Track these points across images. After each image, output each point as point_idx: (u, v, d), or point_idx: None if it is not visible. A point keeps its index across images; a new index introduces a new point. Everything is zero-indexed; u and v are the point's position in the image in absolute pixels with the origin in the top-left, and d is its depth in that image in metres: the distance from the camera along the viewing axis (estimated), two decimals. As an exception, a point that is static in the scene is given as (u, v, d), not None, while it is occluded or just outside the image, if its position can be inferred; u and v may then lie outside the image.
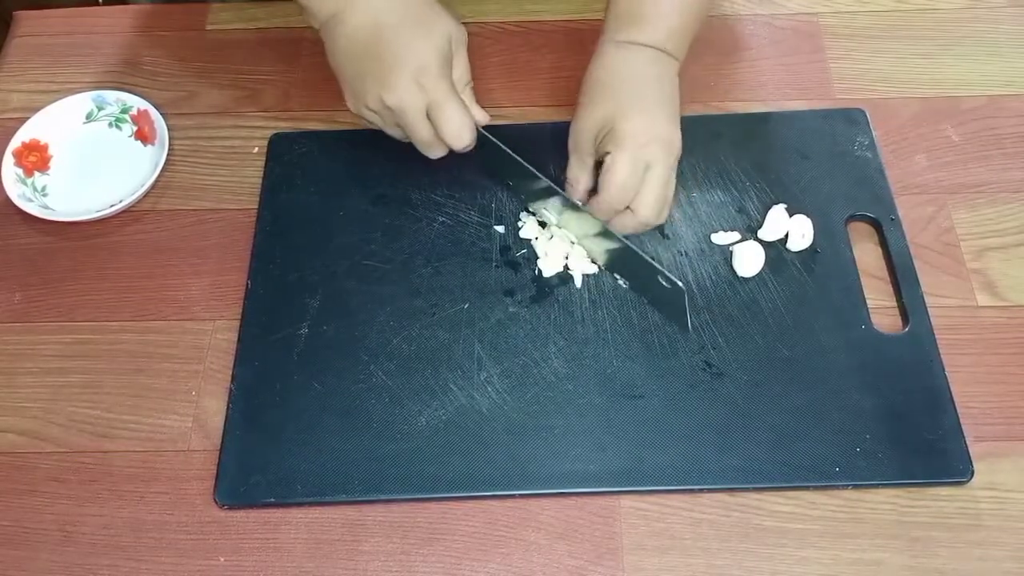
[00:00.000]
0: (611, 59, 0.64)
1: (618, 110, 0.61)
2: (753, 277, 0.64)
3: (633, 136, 0.60)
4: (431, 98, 0.61)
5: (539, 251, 0.66)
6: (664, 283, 0.60)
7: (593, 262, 0.65)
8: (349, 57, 0.62)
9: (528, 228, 0.67)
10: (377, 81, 0.61)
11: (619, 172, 0.60)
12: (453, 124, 0.61)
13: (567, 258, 0.66)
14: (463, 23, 0.65)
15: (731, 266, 0.65)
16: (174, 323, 0.66)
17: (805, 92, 0.75)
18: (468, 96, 0.65)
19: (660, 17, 0.64)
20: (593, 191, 0.64)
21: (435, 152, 0.65)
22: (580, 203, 0.64)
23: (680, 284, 0.59)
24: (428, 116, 0.62)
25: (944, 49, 0.77)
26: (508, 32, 0.80)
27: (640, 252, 0.61)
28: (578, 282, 0.64)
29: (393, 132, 0.66)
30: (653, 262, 0.61)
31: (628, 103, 0.62)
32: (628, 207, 0.62)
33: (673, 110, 0.63)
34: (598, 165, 0.63)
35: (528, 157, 0.64)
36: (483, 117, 0.66)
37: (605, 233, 0.63)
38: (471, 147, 0.64)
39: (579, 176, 0.64)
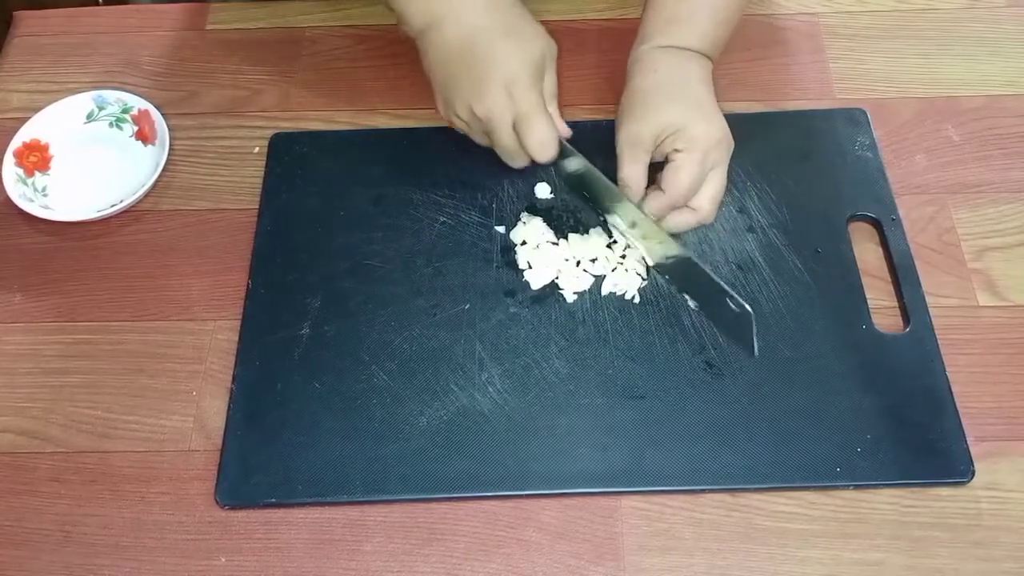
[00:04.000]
0: (660, 63, 0.66)
1: (686, 115, 0.63)
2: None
3: (704, 139, 0.63)
4: (519, 109, 0.61)
5: (521, 262, 0.66)
6: (733, 306, 0.59)
7: (643, 272, 0.65)
8: (442, 65, 0.63)
9: (517, 233, 0.67)
10: (468, 89, 0.62)
11: (689, 172, 0.62)
12: (538, 137, 0.62)
13: (558, 274, 0.65)
14: None
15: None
16: (175, 323, 0.66)
17: (805, 92, 0.75)
18: (553, 109, 0.65)
19: (701, 21, 0.67)
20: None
21: (518, 162, 0.66)
22: (635, 201, 0.64)
23: (748, 308, 0.58)
24: (514, 127, 0.62)
25: (944, 49, 0.77)
26: (508, 32, 0.80)
27: (710, 272, 0.61)
28: (570, 299, 0.64)
29: (480, 140, 0.67)
30: (722, 284, 0.60)
31: (693, 108, 0.64)
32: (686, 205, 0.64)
33: (719, 111, 0.66)
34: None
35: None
36: (566, 131, 0.66)
37: (676, 250, 0.62)
38: (553, 160, 0.64)
39: (636, 176, 0.64)
